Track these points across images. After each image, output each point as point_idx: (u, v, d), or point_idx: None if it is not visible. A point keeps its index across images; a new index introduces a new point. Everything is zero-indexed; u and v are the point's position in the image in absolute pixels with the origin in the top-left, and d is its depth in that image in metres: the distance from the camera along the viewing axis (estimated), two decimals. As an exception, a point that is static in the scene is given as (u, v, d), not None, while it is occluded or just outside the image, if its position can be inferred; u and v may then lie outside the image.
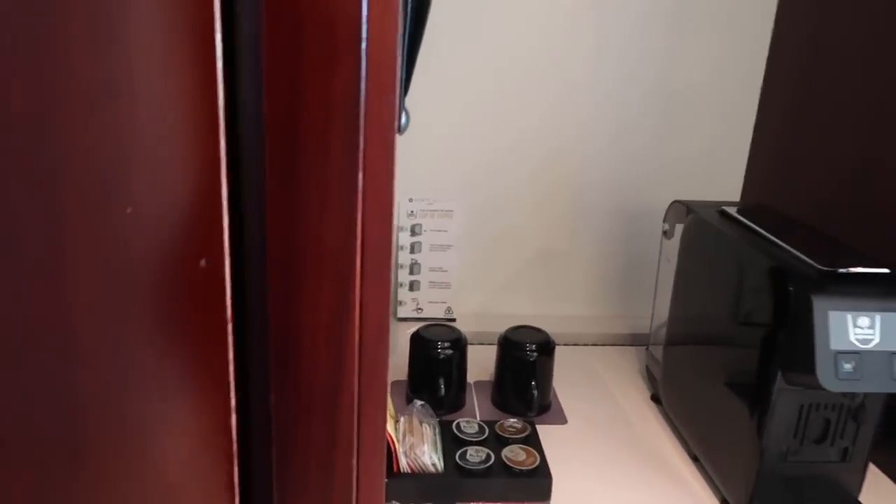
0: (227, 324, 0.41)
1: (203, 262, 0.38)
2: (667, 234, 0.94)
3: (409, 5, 0.53)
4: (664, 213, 0.96)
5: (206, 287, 0.39)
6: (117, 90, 0.32)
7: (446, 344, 0.90)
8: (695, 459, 0.85)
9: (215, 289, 0.39)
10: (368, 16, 0.38)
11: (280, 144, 0.41)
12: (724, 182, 1.15)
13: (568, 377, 1.03)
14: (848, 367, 0.61)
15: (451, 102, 1.08)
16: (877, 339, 0.62)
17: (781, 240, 0.72)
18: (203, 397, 0.41)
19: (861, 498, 0.74)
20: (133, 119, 0.33)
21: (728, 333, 0.76)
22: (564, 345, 1.13)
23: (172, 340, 0.38)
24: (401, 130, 0.57)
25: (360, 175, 0.42)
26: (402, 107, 0.55)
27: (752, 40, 1.09)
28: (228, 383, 0.42)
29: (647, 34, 1.07)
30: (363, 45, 0.39)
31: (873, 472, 0.84)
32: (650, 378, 1.01)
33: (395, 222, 1.12)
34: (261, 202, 0.42)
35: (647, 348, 1.03)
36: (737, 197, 1.16)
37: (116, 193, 0.33)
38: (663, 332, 0.94)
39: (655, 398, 0.98)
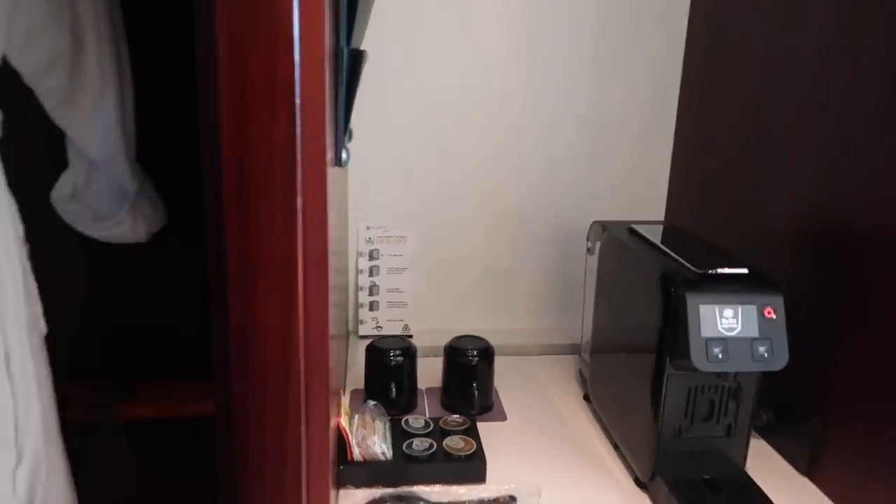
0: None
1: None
2: (590, 251, 1.07)
3: (345, 63, 0.66)
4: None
5: None
6: None
7: (397, 352, 1.02)
8: (615, 447, 0.97)
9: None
10: (301, 79, 0.51)
11: (235, 177, 0.53)
12: (650, 204, 1.30)
13: (511, 383, 1.15)
14: (717, 350, 0.74)
15: (402, 141, 1.22)
16: (739, 328, 0.75)
17: (672, 250, 0.85)
18: None
19: (751, 469, 0.86)
20: None
21: (634, 334, 0.89)
22: (510, 355, 1.25)
23: None
24: (342, 164, 0.69)
25: (300, 199, 0.54)
26: (342, 145, 0.68)
27: (666, 77, 1.25)
28: None
29: (573, 76, 1.23)
30: (297, 100, 0.51)
31: (767, 450, 0.96)
32: (583, 381, 1.14)
33: (355, 248, 1.25)
34: (220, 222, 0.54)
35: (580, 355, 1.16)
36: (661, 216, 1.31)
37: None
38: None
39: (587, 398, 1.10)
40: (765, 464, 0.92)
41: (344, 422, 0.89)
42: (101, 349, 1.19)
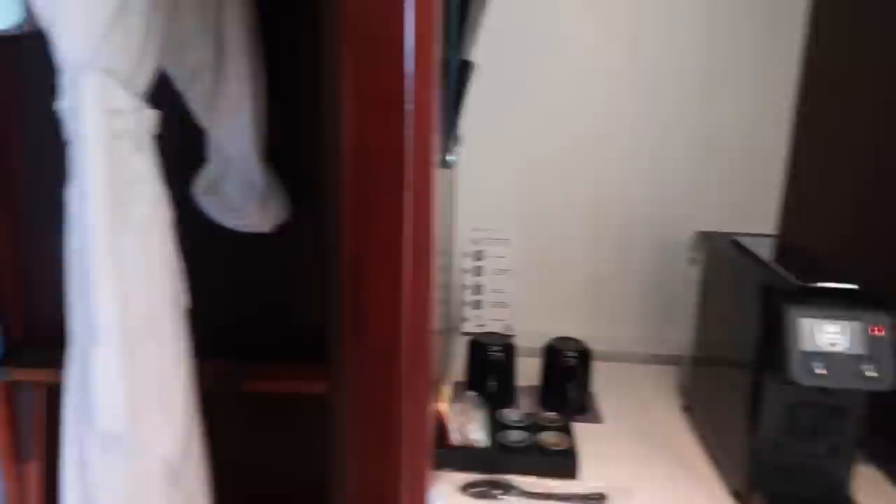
0: None
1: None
2: (693, 262, 1.07)
3: (454, 73, 0.71)
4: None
5: None
6: None
7: (498, 348, 1.07)
8: (714, 460, 0.96)
9: None
10: (413, 89, 0.57)
11: (354, 173, 0.60)
12: (756, 216, 1.26)
13: (610, 388, 1.16)
14: (818, 365, 0.73)
15: (511, 148, 1.27)
16: (844, 344, 0.73)
17: (776, 263, 0.84)
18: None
19: (858, 495, 0.82)
20: None
21: (735, 346, 0.88)
22: (612, 361, 1.25)
23: None
24: (447, 166, 0.74)
25: (408, 194, 0.60)
26: (450, 149, 0.73)
27: (777, 87, 1.21)
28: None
29: (682, 87, 1.23)
30: (409, 107, 0.57)
31: (879, 480, 0.92)
32: (684, 392, 1.13)
33: (461, 248, 1.30)
34: (338, 213, 0.61)
35: (681, 365, 1.15)
36: (769, 229, 1.27)
37: None
38: (693, 348, 1.06)
39: (688, 409, 1.10)
40: (874, 492, 0.88)
41: (444, 409, 0.95)
42: (231, 329, 1.30)
